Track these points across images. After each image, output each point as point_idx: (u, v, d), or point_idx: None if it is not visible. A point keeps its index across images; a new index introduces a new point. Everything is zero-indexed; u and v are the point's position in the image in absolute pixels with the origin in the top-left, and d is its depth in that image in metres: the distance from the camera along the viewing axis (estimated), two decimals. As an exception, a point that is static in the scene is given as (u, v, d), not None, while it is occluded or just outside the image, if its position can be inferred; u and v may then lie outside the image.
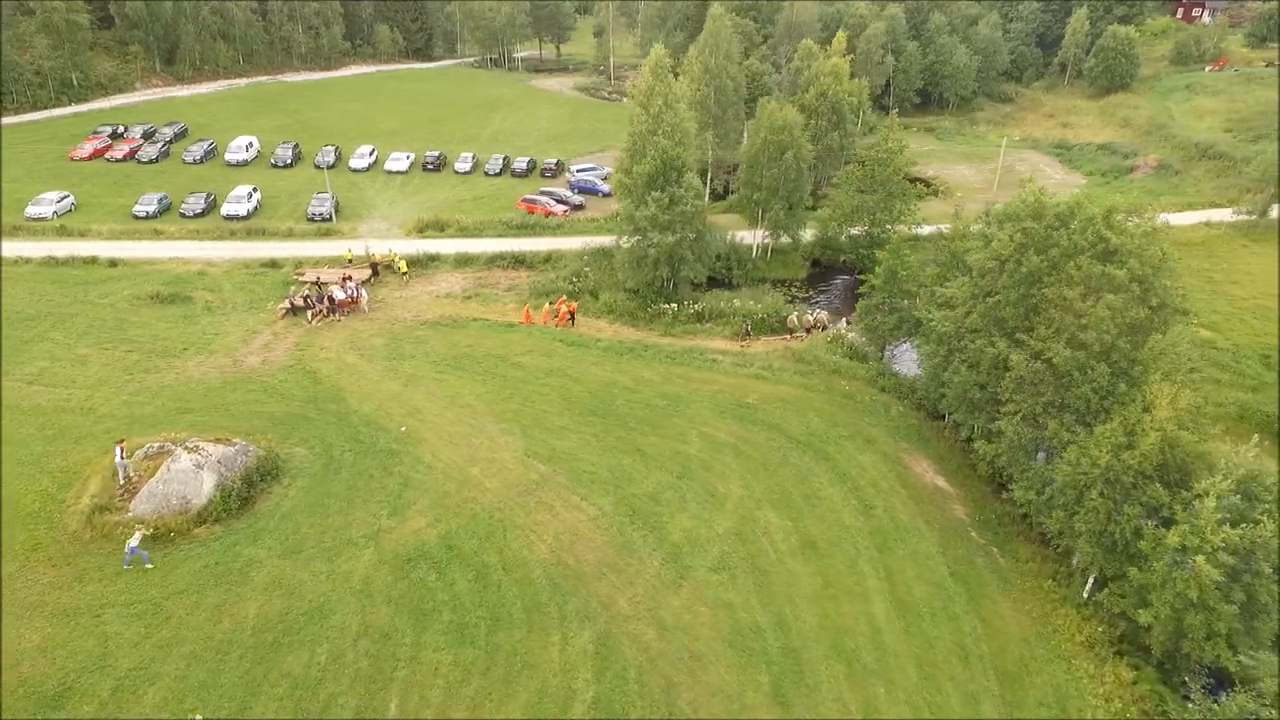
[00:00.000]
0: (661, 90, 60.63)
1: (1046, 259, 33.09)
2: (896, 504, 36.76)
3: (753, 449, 40.34)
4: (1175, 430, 26.74)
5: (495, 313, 57.55)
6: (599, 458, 38.81)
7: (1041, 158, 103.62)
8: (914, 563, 33.05)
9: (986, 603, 31.38)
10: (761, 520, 34.86)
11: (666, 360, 50.47)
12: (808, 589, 31.26)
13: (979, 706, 26.83)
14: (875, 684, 27.25)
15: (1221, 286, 63.14)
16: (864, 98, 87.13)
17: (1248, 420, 46.10)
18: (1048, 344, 31.50)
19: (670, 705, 25.87)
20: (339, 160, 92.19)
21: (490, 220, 75.94)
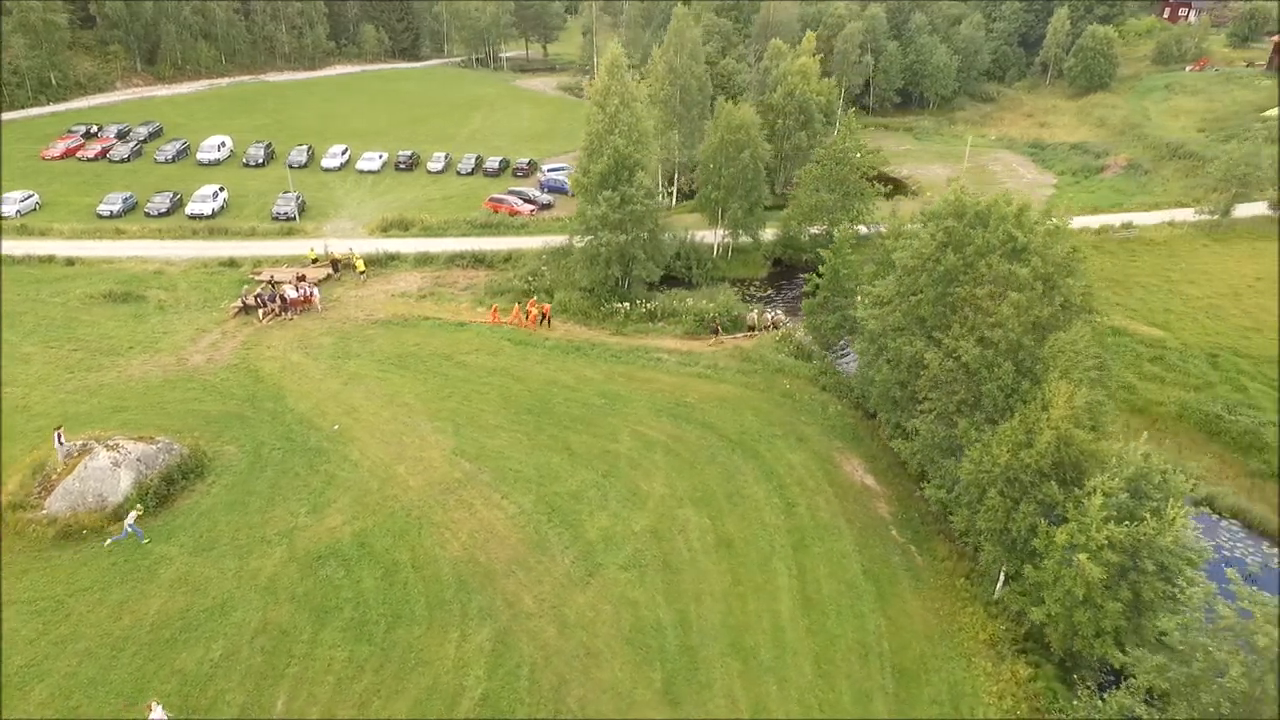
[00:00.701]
0: (618, 89, 60.64)
1: (962, 257, 33.15)
2: (820, 502, 36.80)
3: (683, 447, 40.41)
4: (1069, 429, 26.77)
5: (448, 312, 57.65)
6: (527, 456, 38.89)
7: (1015, 157, 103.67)
8: (828, 561, 33.10)
9: (895, 600, 31.43)
10: (680, 518, 34.92)
11: (612, 359, 50.55)
12: (716, 586, 31.33)
13: (870, 704, 26.89)
14: (769, 681, 27.31)
15: (1178, 286, 63.16)
16: (834, 97, 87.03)
17: (1186, 419, 46.15)
18: (960, 342, 31.54)
19: (559, 703, 25.95)
20: (311, 160, 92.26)
21: (455, 220, 76.07)
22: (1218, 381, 49.44)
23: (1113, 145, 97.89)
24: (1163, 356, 52.23)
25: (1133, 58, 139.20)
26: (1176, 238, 72.47)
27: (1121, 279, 64.80)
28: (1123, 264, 67.75)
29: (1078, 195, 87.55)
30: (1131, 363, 51.69)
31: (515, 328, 54.43)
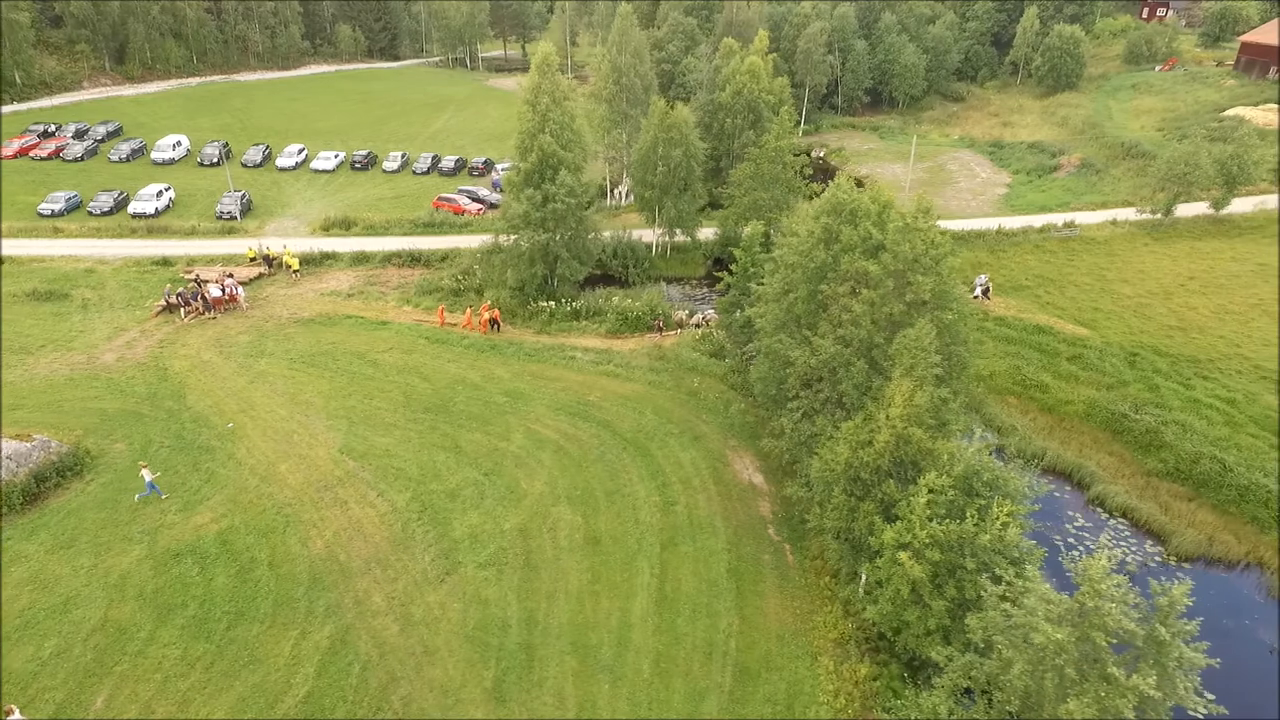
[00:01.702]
0: (548, 88, 60.58)
1: (830, 254, 33.06)
2: (701, 501, 36.72)
3: (574, 446, 40.36)
4: (906, 427, 26.66)
5: (374, 311, 57.67)
6: (414, 454, 38.86)
7: (974, 156, 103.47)
8: (695, 559, 33.02)
9: (755, 599, 31.33)
10: (553, 516, 34.87)
11: (525, 358, 50.52)
12: (573, 585, 31.27)
13: (702, 703, 26.80)
14: (603, 680, 27.23)
15: (1112, 285, 62.98)
16: (786, 96, 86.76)
17: (1092, 418, 45.97)
18: (821, 340, 31.45)
19: (383, 701, 25.89)
20: (267, 159, 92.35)
21: (399, 219, 76.16)
22: (1132, 380, 49.26)
23: (1070, 145, 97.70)
24: (1081, 355, 52.03)
25: (1105, 57, 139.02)
26: (1118, 237, 72.28)
27: (1057, 278, 64.66)
28: (1061, 263, 67.60)
29: (1030, 194, 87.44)
30: (1048, 362, 51.48)
31: (465, 330, 54.07)
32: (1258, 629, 33.05)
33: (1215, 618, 33.36)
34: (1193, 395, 47.51)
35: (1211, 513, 38.98)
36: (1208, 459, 41.16)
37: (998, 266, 67.37)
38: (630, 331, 56.47)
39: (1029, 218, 76.35)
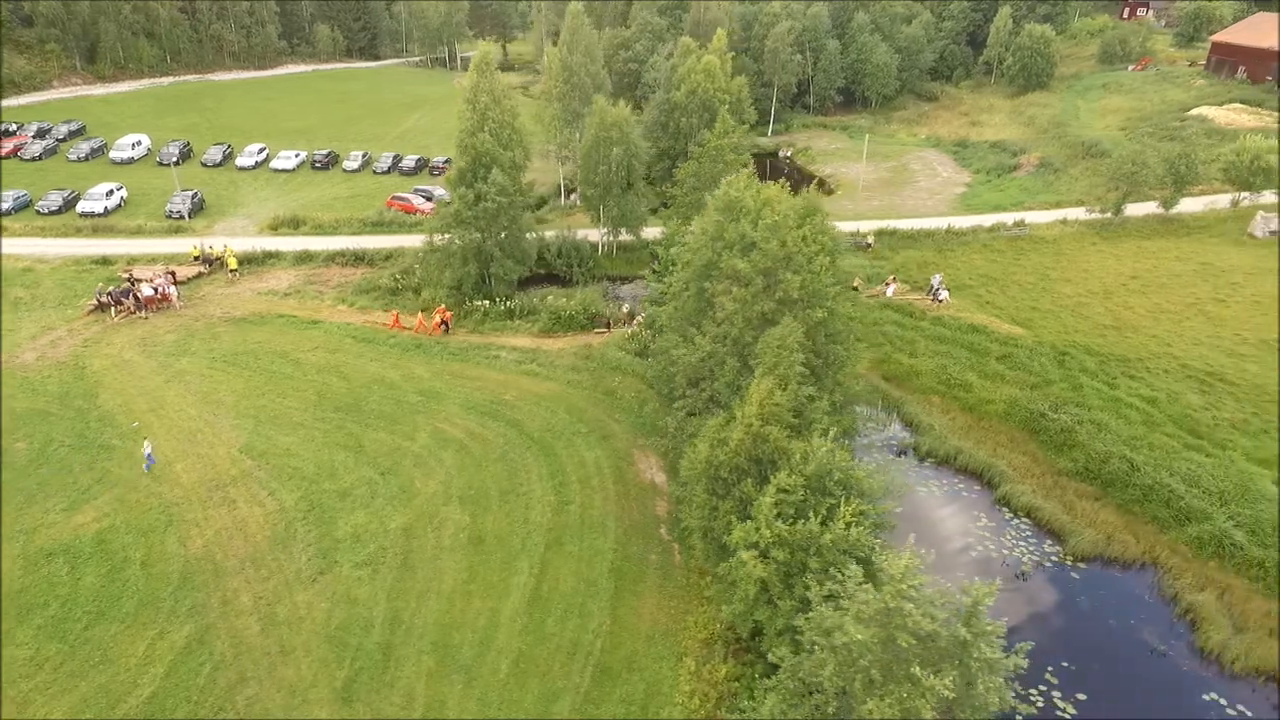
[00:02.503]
0: (487, 86, 60.44)
1: (715, 252, 32.87)
2: (597, 500, 36.54)
3: (478, 445, 40.20)
4: (761, 426, 26.46)
5: (308, 310, 57.55)
6: (314, 454, 38.72)
7: (939, 156, 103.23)
8: (578, 559, 32.84)
9: (632, 599, 31.14)
10: (441, 516, 34.73)
11: (449, 357, 50.41)
12: (448, 585, 31.09)
13: (554, 704, 26.61)
14: (456, 681, 27.05)
15: (1054, 284, 62.76)
16: (744, 95, 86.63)
17: (1011, 418, 45.73)
18: (701, 338, 31.26)
19: (227, 702, 25.73)
20: (227, 158, 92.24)
21: (349, 218, 76.01)
22: (1058, 380, 49.03)
23: (1032, 144, 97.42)
24: (1011, 355, 51.80)
25: (1080, 57, 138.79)
26: (1067, 236, 72.05)
27: (1000, 277, 64.44)
28: (1007, 262, 67.38)
29: (987, 194, 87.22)
30: (977, 361, 51.26)
31: (418, 333, 53.76)
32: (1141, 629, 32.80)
33: (1102, 616, 33.25)
34: (1115, 395, 47.28)
35: (1116, 512, 38.76)
36: (1117, 458, 40.96)
37: (944, 265, 67.13)
38: (564, 331, 56.27)
39: (980, 217, 76.15)
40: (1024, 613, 33.45)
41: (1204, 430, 43.84)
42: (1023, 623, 32.95)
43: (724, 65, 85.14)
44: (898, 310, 58.81)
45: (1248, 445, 42.39)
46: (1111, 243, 69.96)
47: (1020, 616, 33.24)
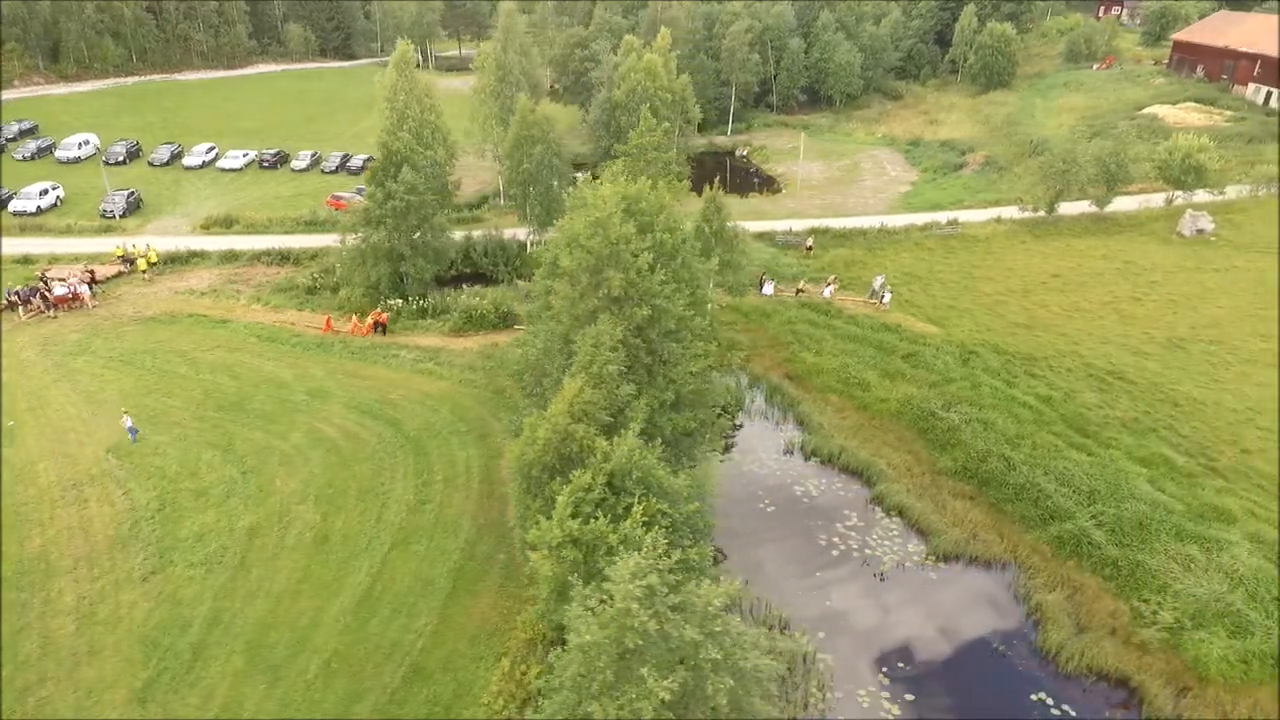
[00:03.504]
0: (405, 85, 60.42)
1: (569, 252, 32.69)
2: (457, 500, 36.39)
3: (350, 444, 40.08)
4: (569, 424, 26.29)
5: (221, 309, 57.50)
6: (181, 453, 38.65)
7: (891, 155, 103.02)
8: (421, 559, 32.68)
9: (467, 599, 30.96)
10: (292, 515, 34.59)
11: (349, 356, 50.33)
12: (279, 585, 30.95)
13: (356, 705, 26.44)
14: (260, 681, 26.89)
15: (976, 282, 62.57)
16: (688, 94, 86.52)
17: (902, 417, 45.49)
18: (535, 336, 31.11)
19: (17, 703, 25.57)
20: (175, 157, 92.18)
21: (283, 217, 75.88)
22: (958, 378, 48.72)
23: (982, 143, 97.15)
24: (916, 353, 51.53)
25: (1048, 55, 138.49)
26: (1000, 235, 71.83)
27: (925, 275, 64.21)
28: (934, 261, 67.17)
29: (930, 192, 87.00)
30: (882, 360, 50.99)
31: (352, 335, 53.65)
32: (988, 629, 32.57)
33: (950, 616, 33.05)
34: (1012, 393, 47.03)
35: (987, 511, 38.53)
36: (995, 457, 40.76)
37: (872, 264, 66.95)
38: (475, 329, 56.05)
39: (914, 216, 75.93)
40: (873, 613, 33.24)
41: (1092, 429, 43.61)
42: (870, 623, 32.74)
43: (667, 64, 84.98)
44: (813, 309, 58.52)
45: (1131, 444, 42.16)
46: (1042, 241, 69.74)
47: (868, 617, 33.04)
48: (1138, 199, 75.14)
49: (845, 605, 33.62)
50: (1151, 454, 41.18)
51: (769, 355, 53.12)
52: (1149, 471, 39.86)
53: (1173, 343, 51.90)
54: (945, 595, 34.24)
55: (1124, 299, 57.92)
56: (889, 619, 32.99)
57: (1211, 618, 30.88)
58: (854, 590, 34.38)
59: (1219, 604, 31.23)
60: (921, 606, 33.63)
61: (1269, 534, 35.46)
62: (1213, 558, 33.62)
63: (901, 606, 33.64)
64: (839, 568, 35.65)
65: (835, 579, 35.01)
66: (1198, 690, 28.91)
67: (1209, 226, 66.54)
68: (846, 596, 34.01)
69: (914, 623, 32.79)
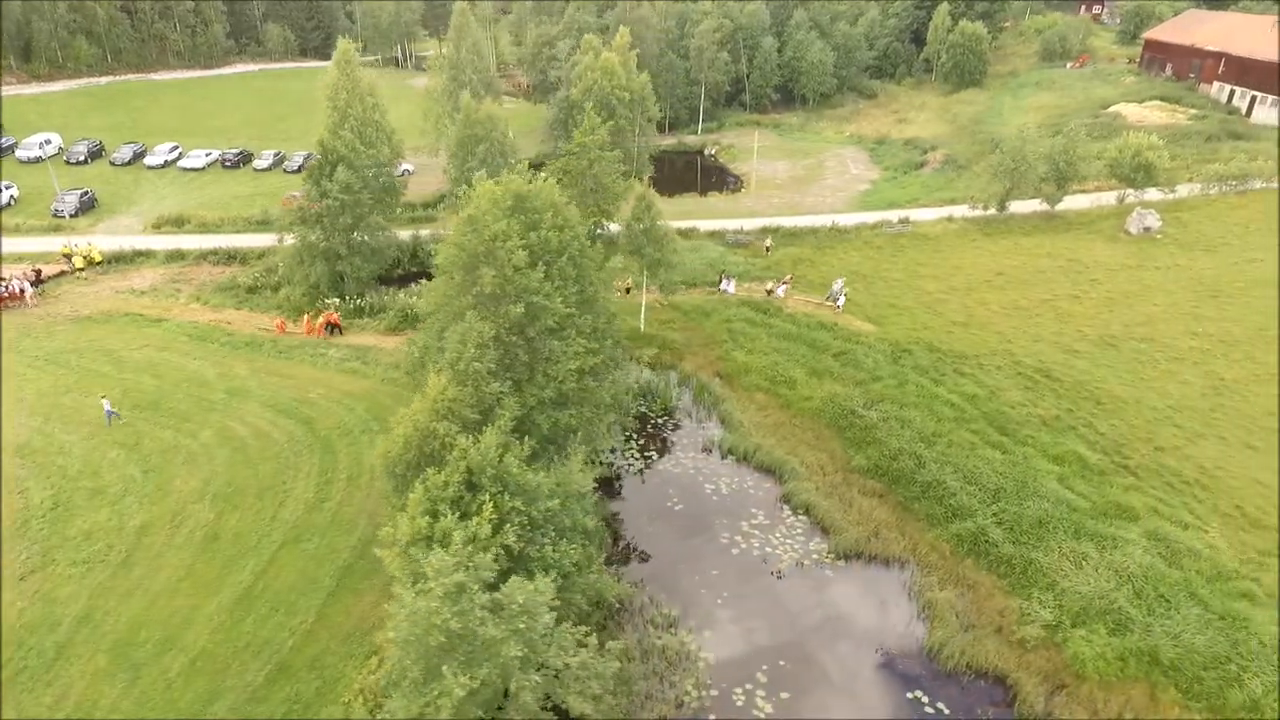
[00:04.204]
0: (346, 84, 60.34)
1: (444, 247, 32.64)
2: (358, 498, 36.31)
3: (259, 443, 40.01)
4: (429, 421, 26.21)
5: (159, 308, 57.47)
6: (86, 452, 38.59)
7: (857, 153, 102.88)
8: (310, 558, 32.62)
9: (349, 598, 30.88)
10: (185, 514, 34.52)
11: (276, 355, 50.28)
12: (160, 583, 30.88)
13: (214, 703, 26.35)
14: (120, 680, 26.82)
15: (920, 280, 62.39)
16: (647, 93, 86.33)
17: (823, 415, 45.38)
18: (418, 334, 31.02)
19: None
20: (137, 157, 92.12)
21: (235, 216, 75.80)
22: (886, 376, 48.58)
23: (945, 141, 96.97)
24: (848, 351, 51.41)
25: (1025, 54, 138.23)
26: (951, 233, 71.64)
27: (870, 274, 64.01)
28: (882, 259, 67.01)
29: (889, 191, 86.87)
30: (813, 358, 50.88)
31: (305, 335, 53.56)
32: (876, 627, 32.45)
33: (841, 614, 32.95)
34: (936, 391, 46.90)
35: (893, 509, 38.46)
36: (907, 455, 40.66)
37: (820, 263, 66.83)
38: (411, 328, 55.73)
39: (866, 214, 75.77)
40: (764, 611, 33.15)
41: (1011, 427, 43.47)
42: (760, 621, 32.65)
43: (626, 63, 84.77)
44: (753, 307, 58.42)
45: (1047, 441, 42.02)
46: (992, 239, 69.58)
47: (759, 615, 32.96)
48: (1091, 197, 74.94)
49: (737, 603, 33.53)
50: (1065, 452, 41.01)
51: (702, 354, 52.99)
52: (1060, 469, 39.71)
53: (1105, 341, 51.69)
54: (838, 593, 34.15)
55: (1063, 297, 57.74)
56: (779, 617, 32.88)
57: (1094, 615, 30.76)
58: (749, 588, 34.27)
59: (1102, 601, 31.08)
60: (813, 605, 33.55)
61: (1169, 530, 35.34)
62: (1106, 555, 33.50)
63: (793, 605, 33.55)
64: (737, 566, 35.54)
65: (732, 577, 34.91)
66: (1073, 688, 28.80)
67: (1156, 224, 66.38)
68: (740, 595, 33.91)
69: (803, 621, 32.69)
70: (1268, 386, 45.54)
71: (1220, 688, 27.90)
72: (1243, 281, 57.52)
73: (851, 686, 29.70)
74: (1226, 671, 28.32)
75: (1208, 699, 27.77)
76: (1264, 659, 28.52)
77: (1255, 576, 33.01)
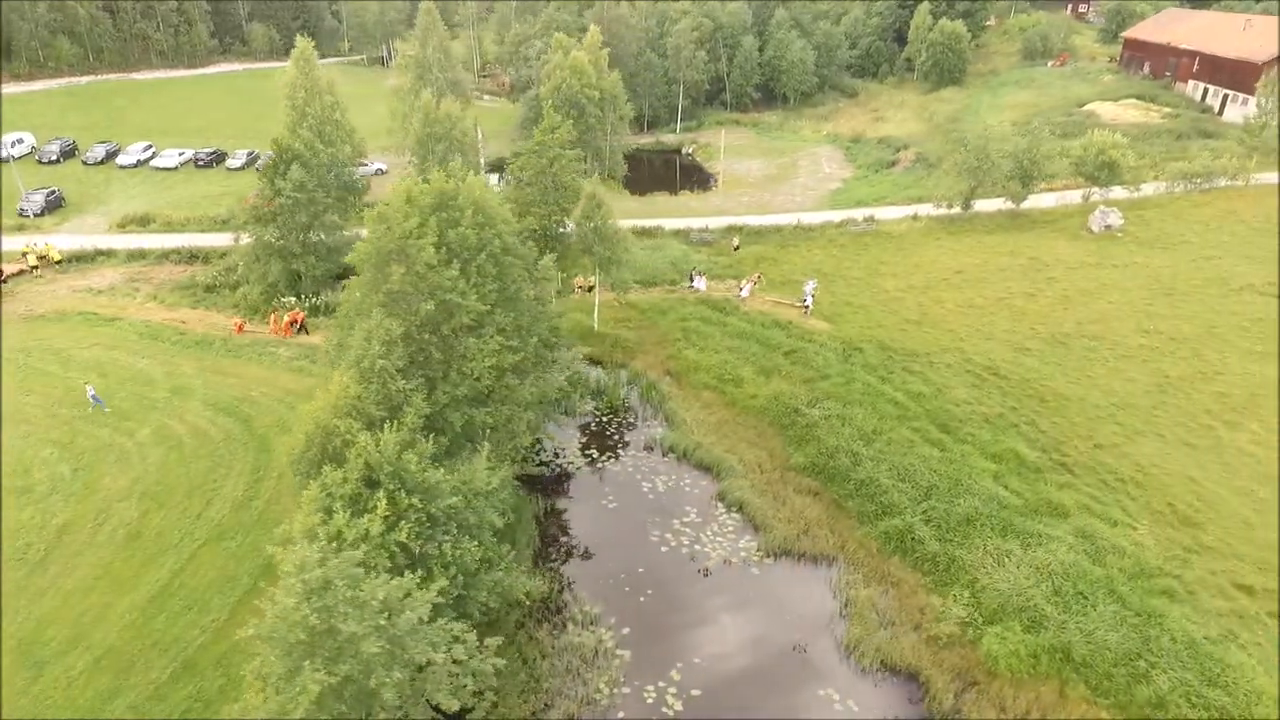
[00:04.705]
0: (304, 83, 60.34)
1: (356, 245, 32.66)
2: (286, 497, 36.19)
3: (195, 441, 40.03)
4: (330, 419, 26.19)
5: (115, 308, 57.61)
6: (20, 451, 38.65)
7: (833, 152, 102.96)
8: (232, 556, 32.59)
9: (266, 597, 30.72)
10: (110, 512, 34.52)
11: (228, 354, 50.30)
12: (74, 582, 30.88)
13: (113, 700, 26.33)
14: (22, 679, 26.76)
15: (880, 279, 62.33)
16: (618, 92, 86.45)
17: (767, 413, 45.34)
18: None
19: None
20: (110, 156, 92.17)
21: (201, 215, 75.86)
22: (834, 375, 48.46)
23: (920, 140, 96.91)
24: (799, 350, 51.29)
25: (1008, 53, 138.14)
26: (915, 231, 71.60)
27: (831, 272, 63.93)
28: (844, 257, 66.97)
29: (859, 189, 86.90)
30: (764, 356, 50.83)
31: (272, 335, 53.47)
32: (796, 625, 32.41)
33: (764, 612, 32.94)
34: (882, 389, 46.80)
35: (827, 507, 38.41)
36: (844, 453, 40.60)
37: (783, 261, 66.81)
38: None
39: (832, 213, 75.72)
40: (686, 609, 33.12)
41: (953, 425, 43.38)
42: (681, 619, 32.62)
43: (596, 62, 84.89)
44: (711, 306, 58.41)
45: (987, 439, 41.93)
46: (955, 238, 69.52)
47: (681, 613, 32.93)
48: (1058, 195, 74.91)
49: (660, 601, 33.51)
50: (1004, 449, 40.91)
51: (655, 352, 52.98)
52: (997, 467, 39.61)
53: (1056, 339, 51.60)
54: (762, 591, 34.12)
55: (1019, 295, 57.64)
56: (700, 615, 32.86)
57: (1010, 613, 30.71)
58: (674, 586, 34.27)
59: (1019, 599, 31.04)
60: (736, 603, 33.53)
61: (1098, 528, 35.27)
62: (1029, 553, 33.43)
63: (716, 602, 33.53)
64: (664, 564, 35.51)
65: (658, 575, 34.89)
66: (984, 685, 28.76)
67: (1117, 222, 66.33)
68: (664, 593, 33.90)
69: (725, 619, 32.68)
70: (1211, 384, 45.48)
71: (1128, 684, 27.83)
72: (1198, 279, 57.42)
73: (764, 684, 29.64)
74: (1136, 668, 28.23)
75: (1115, 695, 27.71)
76: (1173, 655, 28.46)
77: (1178, 574, 32.91)
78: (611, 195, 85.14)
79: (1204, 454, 40.25)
